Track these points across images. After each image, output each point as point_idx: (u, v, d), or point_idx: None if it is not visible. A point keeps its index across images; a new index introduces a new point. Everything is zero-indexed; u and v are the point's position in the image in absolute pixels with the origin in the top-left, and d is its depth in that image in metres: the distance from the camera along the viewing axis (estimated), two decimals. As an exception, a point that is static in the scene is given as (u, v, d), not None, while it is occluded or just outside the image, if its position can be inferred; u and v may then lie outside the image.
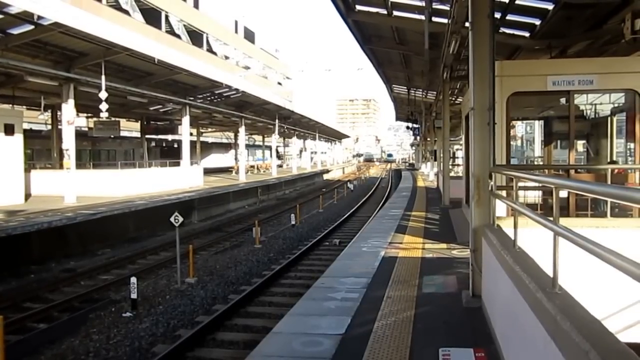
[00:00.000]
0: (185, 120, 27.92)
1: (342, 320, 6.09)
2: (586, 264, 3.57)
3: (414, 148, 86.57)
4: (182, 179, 27.91)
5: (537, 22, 12.12)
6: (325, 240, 19.00)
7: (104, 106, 19.30)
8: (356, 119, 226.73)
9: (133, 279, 10.93)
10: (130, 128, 41.20)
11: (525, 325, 3.42)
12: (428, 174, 40.22)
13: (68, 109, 19.21)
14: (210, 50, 51.91)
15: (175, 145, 46.10)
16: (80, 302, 11.71)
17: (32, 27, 16.21)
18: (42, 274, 14.08)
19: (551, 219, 3.29)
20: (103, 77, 19.13)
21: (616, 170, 10.12)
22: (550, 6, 11.00)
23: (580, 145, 14.02)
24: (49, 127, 29.23)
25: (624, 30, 8.55)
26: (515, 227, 4.55)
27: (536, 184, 7.74)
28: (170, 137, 47.10)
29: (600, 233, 6.03)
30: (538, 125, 27.65)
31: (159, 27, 42.03)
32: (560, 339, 2.54)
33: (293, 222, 22.60)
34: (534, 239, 4.33)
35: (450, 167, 22.14)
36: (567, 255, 3.24)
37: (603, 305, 5.17)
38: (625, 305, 5.65)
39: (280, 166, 63.03)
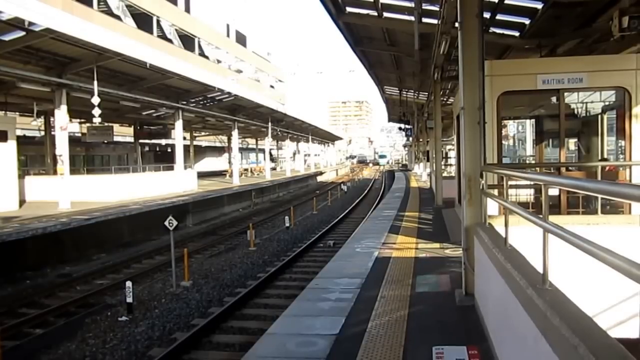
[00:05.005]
0: (178, 124, 27.89)
1: (336, 320, 6.12)
2: (576, 261, 3.62)
3: (406, 149, 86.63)
4: (176, 183, 27.89)
5: (527, 21, 12.19)
6: (320, 242, 19.03)
7: (96, 111, 19.27)
8: (349, 120, 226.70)
9: (128, 283, 10.93)
10: (123, 133, 41.10)
11: (517, 321, 3.46)
12: (421, 174, 40.31)
13: (61, 114, 19.17)
14: (202, 54, 51.86)
15: (169, 150, 46.07)
16: (76, 307, 11.71)
17: (23, 33, 16.16)
18: (38, 280, 14.06)
19: (541, 216, 3.32)
20: (95, 82, 19.09)
21: (607, 168, 10.17)
22: (539, 5, 11.08)
23: (572, 143, 14.10)
24: (42, 133, 29.12)
25: (612, 28, 8.61)
26: (506, 225, 4.59)
27: (527, 182, 7.80)
28: (163, 142, 47.02)
29: (592, 230, 6.09)
30: (529, 124, 27.76)
31: (150, 31, 41.96)
32: (551, 335, 2.57)
33: (287, 225, 22.60)
34: (525, 236, 4.37)
35: (443, 167, 22.20)
36: (557, 252, 3.27)
37: (593, 301, 5.21)
38: (615, 301, 5.70)
39: (273, 169, 63.04)
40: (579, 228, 3.85)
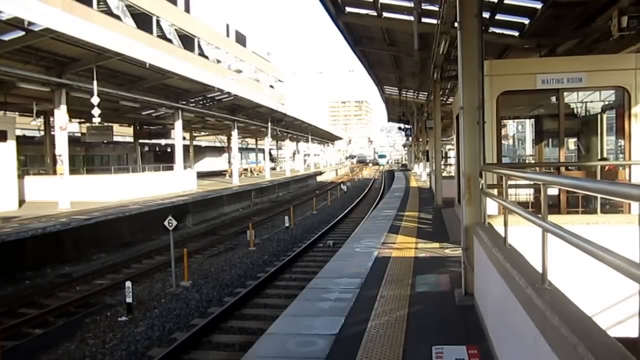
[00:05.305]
0: (178, 124, 27.89)
1: (335, 320, 6.12)
2: (576, 260, 3.62)
3: (406, 149, 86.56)
4: (176, 183, 27.90)
5: (526, 21, 12.19)
6: (319, 242, 19.03)
7: (96, 111, 19.28)
8: (348, 120, 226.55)
9: (128, 283, 10.93)
10: (123, 133, 41.11)
11: (516, 321, 3.46)
12: (421, 174, 40.29)
13: (60, 114, 19.18)
14: (202, 54, 51.88)
15: (169, 150, 46.07)
16: (75, 307, 11.72)
17: (23, 33, 16.17)
18: (37, 280, 14.06)
19: (540, 215, 3.32)
20: (95, 82, 19.10)
21: (607, 167, 10.18)
22: (538, 5, 11.07)
23: (571, 143, 14.09)
24: (42, 133, 29.13)
25: (612, 28, 8.61)
26: (505, 225, 4.59)
27: (526, 182, 7.79)
28: (163, 142, 47.04)
29: (591, 229, 6.10)
30: (529, 124, 27.76)
31: (150, 31, 41.96)
32: (550, 334, 2.57)
33: (287, 225, 22.60)
34: (524, 236, 4.36)
35: (443, 167, 22.20)
36: (556, 251, 3.27)
37: (592, 301, 5.21)
38: (614, 301, 5.70)
39: (273, 169, 63.04)
40: (578, 228, 3.85)
